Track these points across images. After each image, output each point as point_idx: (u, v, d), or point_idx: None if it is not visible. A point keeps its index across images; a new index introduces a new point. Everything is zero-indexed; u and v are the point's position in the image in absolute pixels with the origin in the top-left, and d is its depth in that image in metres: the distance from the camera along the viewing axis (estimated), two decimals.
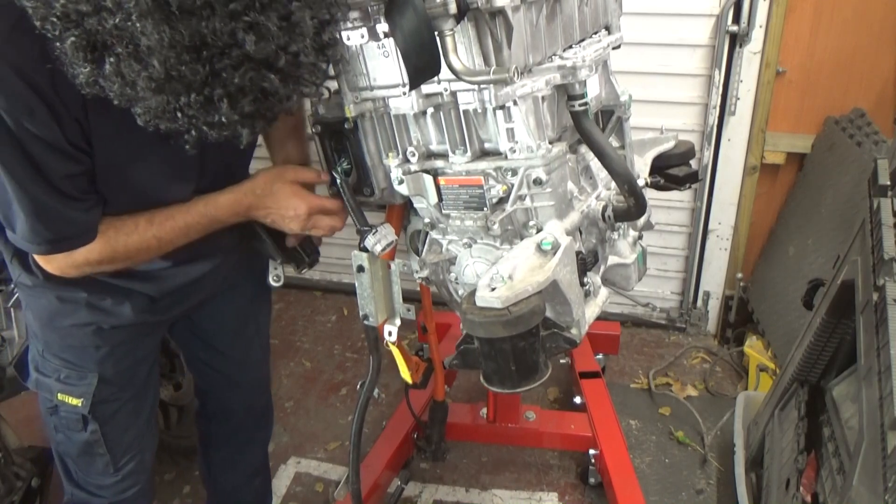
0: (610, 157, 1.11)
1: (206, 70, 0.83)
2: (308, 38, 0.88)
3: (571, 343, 1.15)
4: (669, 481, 2.17)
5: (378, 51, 1.08)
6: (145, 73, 0.82)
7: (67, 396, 1.31)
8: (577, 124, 1.12)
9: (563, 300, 1.12)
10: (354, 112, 1.16)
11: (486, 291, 1.04)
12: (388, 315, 1.37)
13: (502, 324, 1.02)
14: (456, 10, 0.94)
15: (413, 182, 1.19)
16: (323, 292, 3.23)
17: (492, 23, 1.01)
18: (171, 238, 1.17)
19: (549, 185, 1.12)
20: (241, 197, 1.21)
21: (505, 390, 1.12)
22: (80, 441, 1.35)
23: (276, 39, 0.84)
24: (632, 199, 1.17)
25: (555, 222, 1.15)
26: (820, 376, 1.71)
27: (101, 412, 1.32)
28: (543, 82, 1.08)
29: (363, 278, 1.29)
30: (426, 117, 1.16)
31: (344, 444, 2.37)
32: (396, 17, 0.91)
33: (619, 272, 1.37)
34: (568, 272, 1.11)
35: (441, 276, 1.34)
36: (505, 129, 1.10)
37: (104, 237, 1.12)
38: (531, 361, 1.09)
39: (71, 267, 1.12)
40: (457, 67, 0.98)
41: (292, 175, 1.26)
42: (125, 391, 1.35)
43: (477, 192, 1.17)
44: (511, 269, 1.08)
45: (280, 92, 0.89)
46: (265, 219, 1.24)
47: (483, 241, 1.23)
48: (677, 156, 1.51)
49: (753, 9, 2.23)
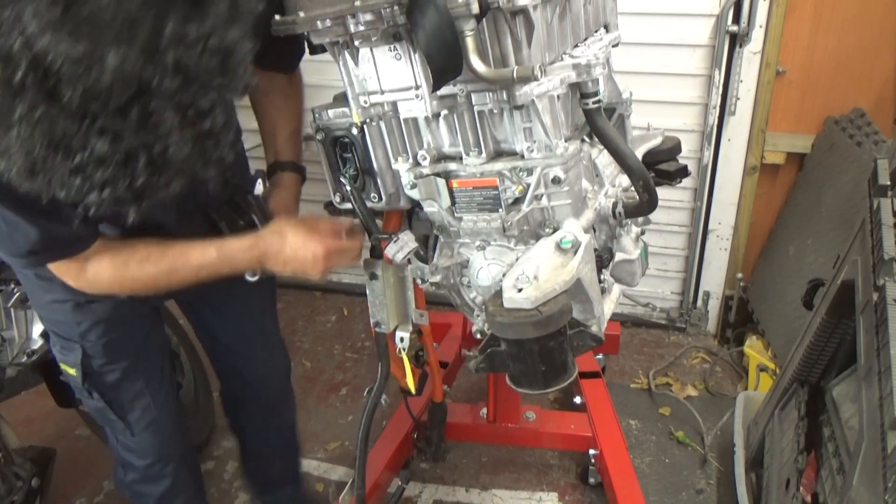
0: (625, 154, 1.11)
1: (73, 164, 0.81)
2: (175, 133, 0.83)
3: (597, 340, 1.16)
4: (669, 481, 2.17)
5: (389, 54, 1.06)
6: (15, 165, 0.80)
7: (66, 366, 1.37)
8: (591, 122, 1.12)
9: (585, 298, 1.12)
10: (361, 117, 1.14)
11: (514, 293, 1.04)
12: (399, 321, 1.36)
13: (532, 324, 1.02)
14: (478, 10, 0.92)
15: (425, 186, 1.18)
16: (323, 292, 3.22)
17: (511, 22, 1.00)
18: (181, 275, 1.18)
19: (567, 184, 1.11)
20: (252, 243, 1.20)
21: (534, 391, 1.12)
22: (93, 407, 1.43)
23: (132, 140, 0.81)
24: (645, 195, 1.17)
25: (572, 220, 1.15)
26: (820, 376, 1.71)
27: (98, 382, 1.37)
28: (559, 81, 1.08)
29: (375, 285, 1.28)
30: (439, 120, 1.14)
31: (344, 444, 2.37)
32: (419, 16, 0.90)
33: (624, 268, 1.37)
34: (589, 270, 1.12)
35: (452, 280, 1.32)
36: (522, 129, 1.09)
37: (115, 261, 1.14)
38: (560, 361, 1.09)
39: (86, 284, 1.16)
40: (478, 69, 0.96)
41: (307, 221, 1.23)
42: (117, 363, 1.37)
43: (492, 193, 1.16)
44: (535, 269, 1.07)
45: (156, 182, 0.86)
46: (283, 269, 1.22)
47: (497, 242, 1.22)
48: (665, 151, 1.52)
49: (753, 9, 2.22)
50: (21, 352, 1.68)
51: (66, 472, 2.20)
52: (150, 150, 0.83)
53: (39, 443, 2.05)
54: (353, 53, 1.08)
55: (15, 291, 1.66)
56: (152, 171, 0.85)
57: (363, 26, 1.01)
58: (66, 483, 2.19)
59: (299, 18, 1.04)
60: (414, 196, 1.20)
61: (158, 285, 1.19)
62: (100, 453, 2.19)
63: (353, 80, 1.12)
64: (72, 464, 2.27)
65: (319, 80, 1.48)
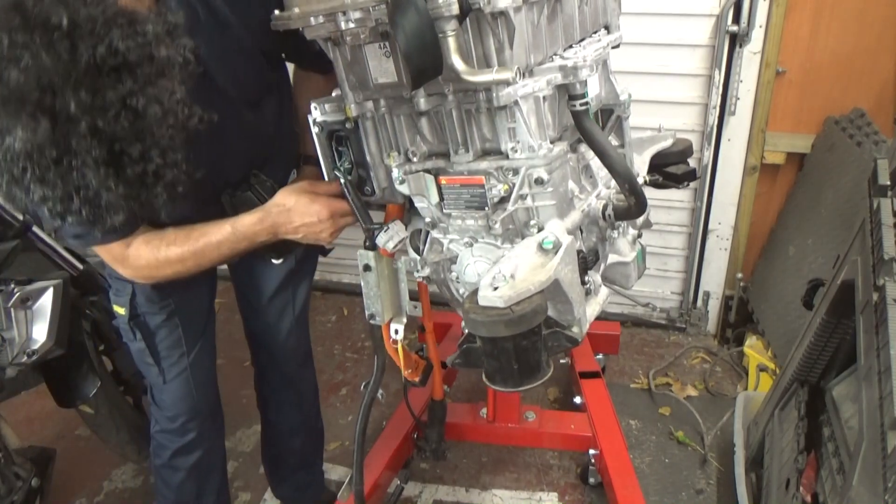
0: (610, 157, 1.11)
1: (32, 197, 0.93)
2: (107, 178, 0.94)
3: (573, 342, 1.16)
4: (669, 481, 2.17)
5: (379, 51, 1.08)
6: None
7: (116, 306, 1.50)
8: (578, 124, 1.13)
9: (564, 299, 1.13)
10: (355, 112, 1.16)
11: (489, 291, 1.04)
12: (394, 313, 1.37)
13: (505, 323, 1.02)
14: (458, 11, 0.94)
15: (414, 181, 1.19)
16: (323, 292, 3.22)
17: (493, 23, 1.01)
18: (206, 253, 1.28)
19: (551, 185, 1.12)
20: (262, 216, 1.29)
21: (507, 389, 1.13)
22: (136, 350, 1.53)
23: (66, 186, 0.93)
24: (632, 198, 1.17)
25: (556, 221, 1.15)
26: (820, 376, 1.71)
27: (142, 325, 1.49)
28: (545, 82, 1.09)
29: (369, 277, 1.29)
30: (428, 117, 1.16)
31: (344, 444, 2.37)
32: (398, 17, 0.91)
33: (618, 270, 1.37)
34: (569, 271, 1.11)
35: (442, 275, 1.34)
36: (506, 129, 1.10)
37: (150, 245, 1.25)
38: (533, 360, 1.09)
39: (129, 268, 1.29)
40: (459, 68, 0.98)
41: (306, 186, 1.31)
42: (161, 310, 1.48)
43: (478, 191, 1.17)
44: (513, 268, 1.08)
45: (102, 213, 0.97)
46: (296, 236, 1.30)
47: (484, 240, 1.23)
48: (675, 154, 1.52)
49: (753, 9, 2.23)
50: (21, 352, 1.67)
51: (66, 472, 2.20)
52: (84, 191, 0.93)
53: (39, 443, 2.05)
54: (345, 50, 1.10)
55: (15, 291, 1.66)
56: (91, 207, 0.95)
57: (353, 23, 1.02)
58: (66, 483, 2.19)
59: (294, 14, 1.07)
60: (403, 191, 1.22)
61: (188, 266, 1.29)
62: (100, 453, 2.19)
63: (346, 76, 1.14)
64: (72, 464, 2.27)
65: None
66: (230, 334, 2.95)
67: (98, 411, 1.84)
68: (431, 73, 0.96)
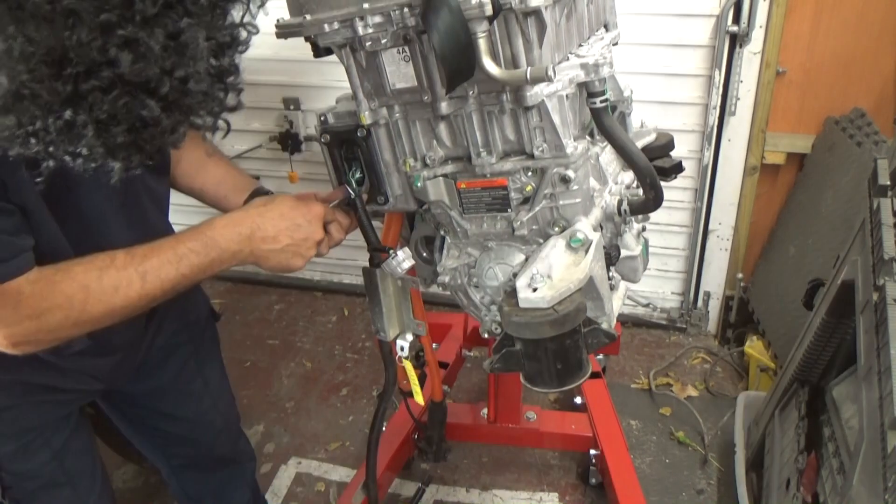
0: (632, 153, 1.11)
1: (67, 90, 0.69)
2: (201, 62, 0.75)
3: (610, 337, 1.16)
4: (670, 481, 2.17)
5: (398, 56, 1.05)
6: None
7: None
8: (598, 121, 1.12)
9: (596, 295, 1.13)
10: (370, 120, 1.13)
11: (529, 292, 1.04)
12: (400, 330, 1.36)
13: (549, 323, 1.02)
14: (491, 12, 0.92)
15: (433, 187, 1.17)
16: (323, 293, 3.22)
17: (523, 22, 0.99)
18: (159, 276, 0.96)
19: (576, 183, 1.11)
20: (242, 214, 1.06)
21: (549, 390, 1.13)
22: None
23: (159, 61, 0.71)
24: (652, 192, 1.16)
25: (582, 219, 1.15)
26: (820, 376, 1.71)
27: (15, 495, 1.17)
28: (568, 80, 1.08)
29: (374, 295, 1.28)
30: (448, 120, 1.14)
31: (345, 445, 2.37)
32: (432, 18, 0.89)
33: (627, 264, 1.38)
34: (600, 267, 1.12)
35: (460, 281, 1.32)
36: (532, 129, 1.09)
37: (70, 273, 0.90)
38: (575, 359, 1.10)
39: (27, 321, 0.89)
40: (491, 70, 0.96)
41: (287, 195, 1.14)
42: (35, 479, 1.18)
43: (500, 193, 1.16)
44: (548, 268, 1.08)
45: (163, 123, 0.76)
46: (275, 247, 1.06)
47: (504, 242, 1.22)
48: (659, 148, 1.52)
49: (753, 9, 2.22)
50: None
51: None
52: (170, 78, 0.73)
53: None
54: (361, 56, 1.07)
55: None
56: (165, 106, 0.75)
57: (372, 29, 1.00)
58: None
59: (305, 21, 1.03)
60: (422, 197, 1.20)
61: (130, 300, 0.94)
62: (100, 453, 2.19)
63: (361, 83, 1.10)
64: None
65: (321, 81, 1.48)
66: (230, 334, 2.96)
67: None
68: (466, 75, 0.94)
